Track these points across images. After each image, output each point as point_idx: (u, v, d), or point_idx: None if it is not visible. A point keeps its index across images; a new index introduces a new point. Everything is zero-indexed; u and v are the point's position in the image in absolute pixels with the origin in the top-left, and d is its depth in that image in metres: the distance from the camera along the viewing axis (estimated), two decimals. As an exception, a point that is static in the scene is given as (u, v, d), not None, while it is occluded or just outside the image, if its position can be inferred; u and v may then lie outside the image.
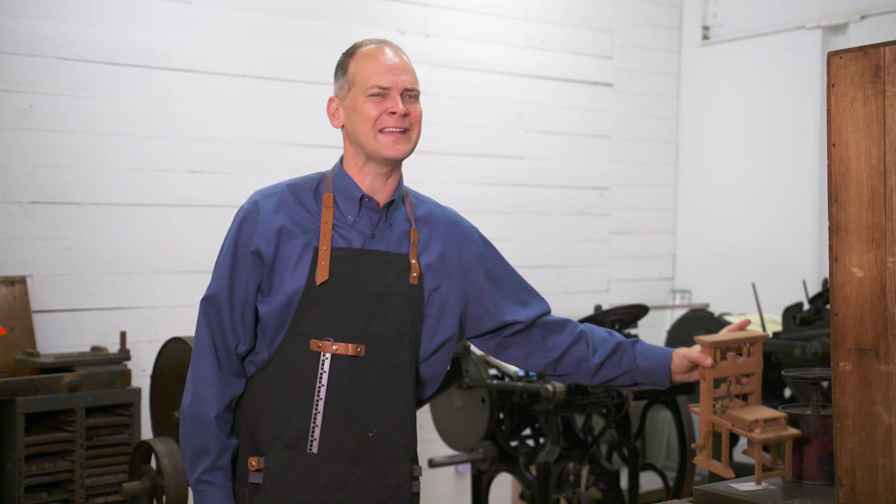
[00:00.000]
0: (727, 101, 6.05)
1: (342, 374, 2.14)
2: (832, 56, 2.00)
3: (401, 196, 2.27)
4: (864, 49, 1.95)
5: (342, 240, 2.17)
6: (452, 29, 5.31)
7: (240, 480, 2.17)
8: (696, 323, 5.05)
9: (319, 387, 2.13)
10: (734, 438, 5.10)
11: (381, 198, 2.22)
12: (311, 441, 2.13)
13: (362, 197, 2.20)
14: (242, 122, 4.55)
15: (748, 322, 2.31)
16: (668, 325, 5.58)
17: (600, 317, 3.84)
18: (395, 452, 2.20)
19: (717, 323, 4.98)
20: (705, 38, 6.18)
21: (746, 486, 2.18)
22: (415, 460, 2.26)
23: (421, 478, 2.29)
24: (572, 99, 5.80)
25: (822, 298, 4.82)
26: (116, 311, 4.25)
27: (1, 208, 4.02)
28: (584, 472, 3.93)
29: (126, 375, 3.85)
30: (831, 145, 2.00)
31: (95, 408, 3.77)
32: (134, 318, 4.24)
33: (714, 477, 4.91)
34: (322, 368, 2.13)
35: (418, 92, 2.22)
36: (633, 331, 4.01)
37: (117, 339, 4.04)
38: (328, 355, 2.13)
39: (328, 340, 2.13)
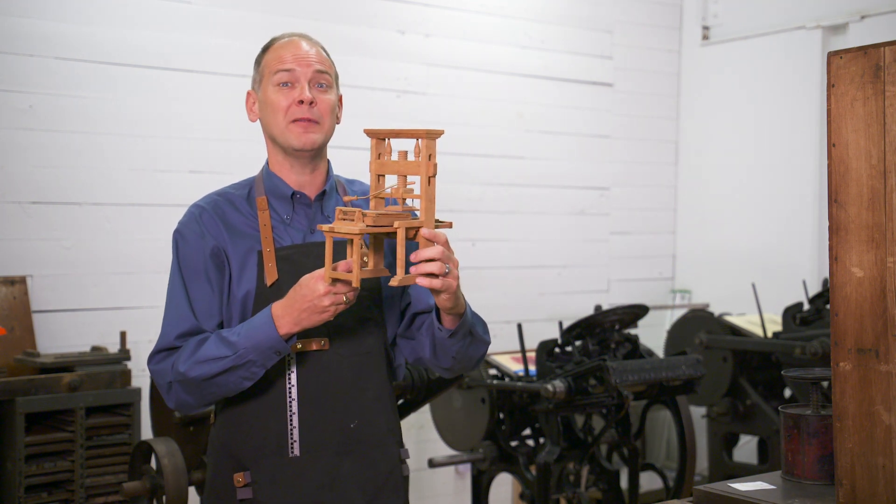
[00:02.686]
0: (727, 101, 6.05)
1: (311, 371, 2.11)
2: (832, 56, 2.00)
3: (332, 186, 2.24)
4: (864, 49, 1.95)
5: (282, 240, 2.15)
6: (452, 29, 5.31)
7: (227, 500, 2.13)
8: (696, 323, 5.05)
9: (290, 387, 2.10)
10: (734, 437, 5.10)
11: (311, 191, 2.20)
12: (292, 444, 2.10)
13: (293, 194, 2.18)
14: (242, 122, 4.52)
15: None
16: (667, 326, 5.57)
17: (600, 317, 3.84)
18: (381, 438, 2.18)
19: (718, 323, 4.98)
20: (705, 38, 6.18)
21: (745, 485, 2.18)
22: (400, 443, 2.24)
23: (413, 470, 2.27)
24: (572, 99, 5.80)
25: (822, 298, 4.83)
26: (116, 311, 4.24)
27: (1, 208, 4.02)
28: (584, 472, 3.93)
29: (126, 375, 3.85)
30: (831, 145, 2.00)
31: (95, 408, 3.77)
32: (134, 318, 4.24)
33: (714, 477, 4.91)
34: (289, 369, 2.11)
35: (331, 81, 2.18)
36: (633, 331, 4.01)
37: (117, 339, 4.04)
38: (293, 355, 2.10)
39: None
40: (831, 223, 2.00)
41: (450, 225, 2.00)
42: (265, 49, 2.23)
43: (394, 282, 1.89)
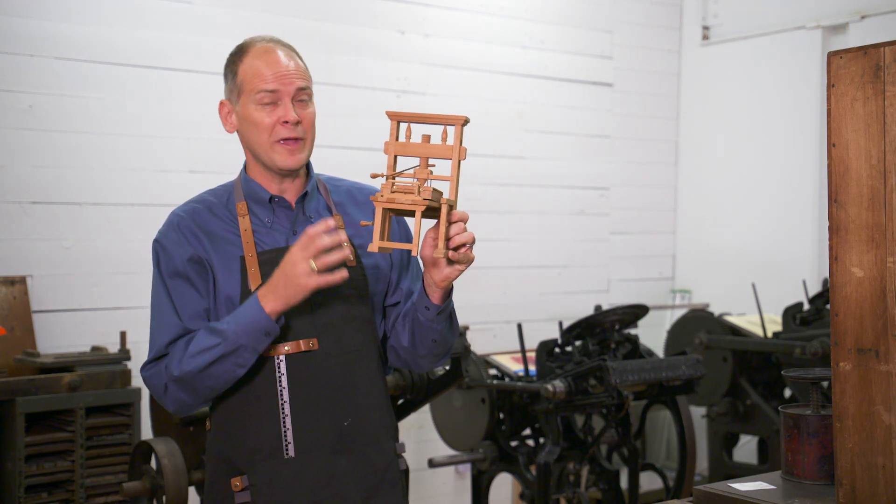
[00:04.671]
0: (727, 101, 6.05)
1: (301, 372, 2.11)
2: (832, 56, 2.00)
3: (314, 187, 2.23)
4: (864, 49, 1.95)
5: (265, 244, 2.15)
6: (452, 29, 5.31)
7: None
8: (696, 323, 5.05)
9: (281, 390, 2.11)
10: (734, 437, 5.10)
11: (291, 195, 2.20)
12: (286, 445, 2.11)
13: (271, 198, 2.18)
14: (242, 122, 4.55)
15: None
16: (667, 325, 5.57)
17: (600, 317, 3.84)
18: (376, 434, 2.18)
19: (718, 323, 4.98)
20: (705, 38, 6.18)
21: (745, 485, 2.18)
22: (395, 438, 2.24)
23: (413, 471, 2.27)
24: (572, 99, 5.80)
25: (822, 298, 4.83)
26: (116, 311, 4.24)
27: (1, 208, 4.02)
28: (584, 472, 3.93)
29: (126, 375, 3.85)
30: (831, 145, 2.00)
31: (95, 408, 3.76)
32: (134, 318, 4.24)
33: (714, 477, 4.91)
34: (279, 371, 2.11)
35: (311, 93, 2.17)
36: (633, 331, 4.01)
37: (117, 339, 4.04)
38: (282, 357, 2.11)
39: (278, 343, 2.10)
40: (831, 223, 2.00)
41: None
42: (238, 57, 2.17)
43: (438, 253, 1.96)
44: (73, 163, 4.17)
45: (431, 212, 1.98)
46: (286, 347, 2.11)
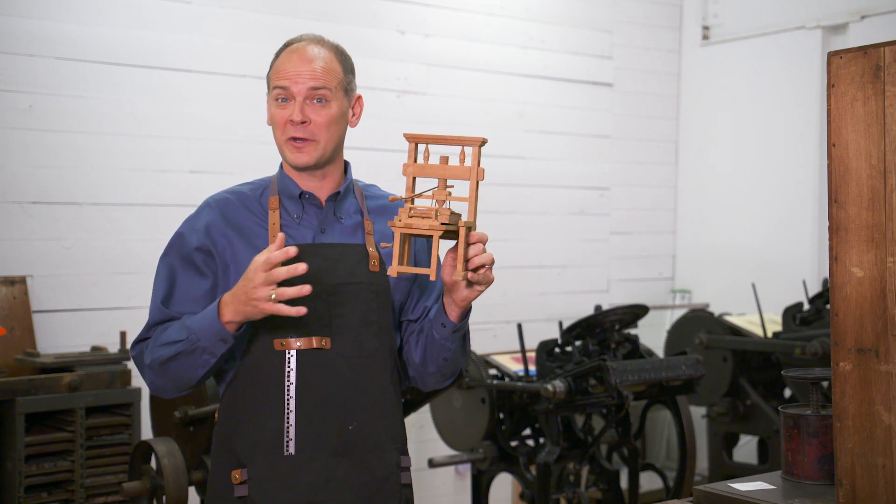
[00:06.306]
0: (727, 101, 6.05)
1: (311, 370, 2.11)
2: (832, 56, 2.00)
3: (348, 189, 2.24)
4: (864, 49, 1.95)
5: (292, 238, 2.15)
6: (452, 29, 5.31)
7: (226, 497, 2.13)
8: (696, 323, 5.05)
9: (288, 385, 2.10)
10: (734, 437, 5.10)
11: (323, 193, 2.20)
12: (287, 442, 2.10)
13: (301, 194, 2.19)
14: (242, 122, 4.56)
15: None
16: (668, 326, 5.58)
17: (600, 317, 3.84)
18: (379, 443, 2.16)
19: (718, 323, 4.98)
20: (705, 38, 6.18)
21: (745, 485, 2.18)
22: (402, 451, 2.22)
23: (413, 471, 2.25)
24: (572, 99, 5.80)
25: (822, 298, 4.83)
26: (116, 311, 4.24)
27: (1, 208, 4.02)
28: (584, 472, 3.93)
29: (126, 375, 3.85)
30: (831, 145, 2.00)
31: (95, 408, 3.77)
32: (134, 318, 4.22)
33: (714, 477, 4.91)
34: (289, 366, 2.11)
35: (329, 94, 2.15)
36: (633, 331, 4.01)
37: (117, 339, 4.04)
38: (293, 352, 2.10)
39: (291, 337, 2.10)
40: (831, 223, 2.00)
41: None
42: (276, 53, 2.21)
43: (457, 276, 1.97)
44: (73, 163, 4.17)
45: (451, 233, 1.98)
46: (298, 343, 2.10)
